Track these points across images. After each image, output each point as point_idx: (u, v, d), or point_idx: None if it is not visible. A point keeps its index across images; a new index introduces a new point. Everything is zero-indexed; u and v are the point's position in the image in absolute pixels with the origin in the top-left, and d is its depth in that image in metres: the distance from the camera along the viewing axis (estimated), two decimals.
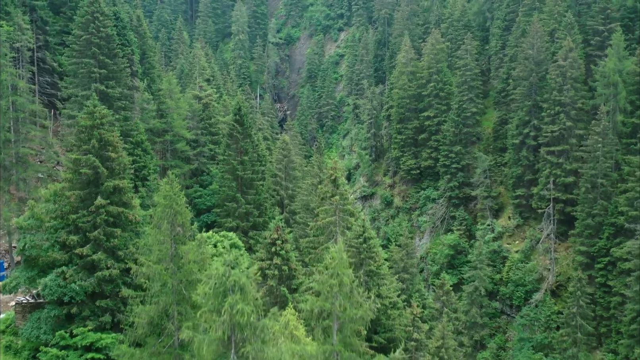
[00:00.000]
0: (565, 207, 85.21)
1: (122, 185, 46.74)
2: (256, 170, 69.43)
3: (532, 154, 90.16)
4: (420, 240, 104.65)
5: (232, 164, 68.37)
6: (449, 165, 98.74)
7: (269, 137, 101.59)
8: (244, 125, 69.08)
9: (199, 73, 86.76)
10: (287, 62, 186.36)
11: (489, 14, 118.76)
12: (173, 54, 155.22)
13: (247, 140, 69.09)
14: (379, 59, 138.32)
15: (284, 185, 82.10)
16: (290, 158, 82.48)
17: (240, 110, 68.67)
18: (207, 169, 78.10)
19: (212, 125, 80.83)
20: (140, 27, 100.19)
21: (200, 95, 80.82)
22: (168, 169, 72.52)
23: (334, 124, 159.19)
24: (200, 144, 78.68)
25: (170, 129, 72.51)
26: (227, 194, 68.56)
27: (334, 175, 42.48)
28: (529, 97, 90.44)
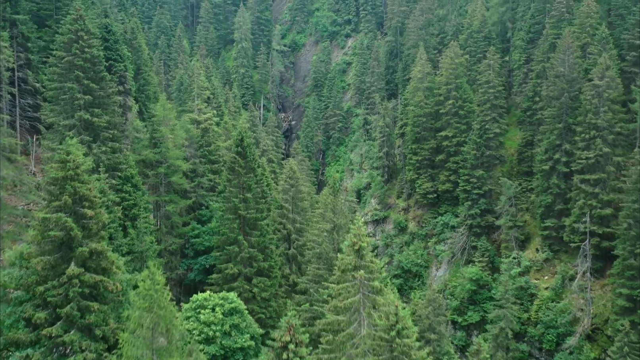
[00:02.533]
0: (601, 241, 77.13)
1: (100, 248, 38.90)
2: (260, 209, 61.45)
3: (563, 181, 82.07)
4: (438, 271, 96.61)
5: (233, 202, 60.40)
6: (469, 190, 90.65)
7: (274, 159, 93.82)
8: (246, 158, 61.11)
9: (197, 94, 78.82)
10: (291, 70, 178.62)
11: (510, 24, 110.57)
12: (172, 63, 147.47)
13: (250, 175, 61.11)
14: (391, 70, 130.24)
15: (291, 217, 74.08)
16: (298, 188, 74.47)
17: (243, 140, 60.70)
18: (206, 203, 70.18)
19: (212, 153, 72.90)
20: (134, 40, 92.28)
21: (198, 119, 72.91)
22: (162, 205, 64.63)
23: (341, 136, 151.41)
24: (199, 174, 70.76)
25: (165, 159, 64.59)
26: (227, 236, 60.59)
27: (357, 244, 34.48)
28: (560, 119, 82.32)
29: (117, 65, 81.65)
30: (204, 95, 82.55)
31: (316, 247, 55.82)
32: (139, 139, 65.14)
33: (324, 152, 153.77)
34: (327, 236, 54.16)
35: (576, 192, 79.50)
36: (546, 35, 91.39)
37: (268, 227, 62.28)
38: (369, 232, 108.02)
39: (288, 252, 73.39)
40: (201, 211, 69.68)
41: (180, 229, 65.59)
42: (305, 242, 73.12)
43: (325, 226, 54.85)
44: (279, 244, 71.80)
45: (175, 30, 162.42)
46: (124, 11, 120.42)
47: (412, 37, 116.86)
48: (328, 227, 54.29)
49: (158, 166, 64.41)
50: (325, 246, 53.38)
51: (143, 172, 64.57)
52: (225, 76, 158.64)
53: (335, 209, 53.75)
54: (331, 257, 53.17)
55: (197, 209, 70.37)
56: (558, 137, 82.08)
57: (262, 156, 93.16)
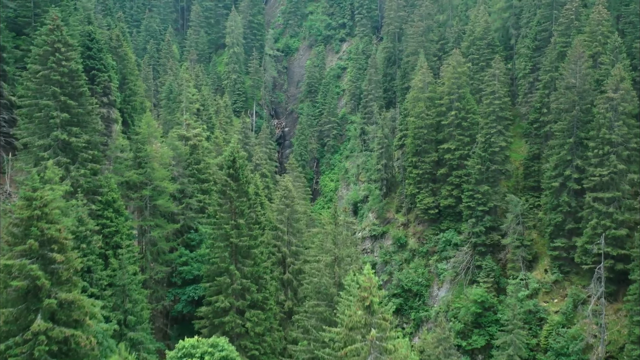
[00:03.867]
0: (615, 263, 72.65)
1: (71, 298, 34.05)
2: (254, 235, 56.57)
3: (574, 199, 77.51)
4: (439, 290, 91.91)
5: (224, 229, 55.50)
6: (474, 207, 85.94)
7: (267, 173, 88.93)
8: (239, 180, 56.22)
9: (185, 107, 73.80)
10: (284, 75, 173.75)
11: (513, 30, 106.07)
12: (162, 68, 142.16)
13: (242, 199, 56.21)
14: (389, 78, 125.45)
15: (286, 240, 69.43)
16: (294, 208, 69.85)
17: (235, 162, 55.82)
18: (195, 225, 65.20)
19: (201, 171, 67.94)
20: (120, 48, 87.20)
21: (187, 135, 67.93)
22: (147, 230, 59.66)
23: (336, 144, 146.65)
24: (187, 195, 65.82)
25: (150, 181, 59.61)
26: (218, 266, 55.73)
27: (368, 299, 29.68)
28: (571, 133, 77.79)
29: (101, 76, 76.82)
30: (193, 108, 77.59)
31: (314, 278, 50.91)
32: (122, 158, 60.14)
33: (318, 160, 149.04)
34: (327, 269, 49.32)
35: (588, 211, 74.97)
36: (554, 43, 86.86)
37: (262, 255, 57.45)
38: (367, 247, 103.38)
39: (283, 277, 68.76)
40: (190, 235, 64.75)
41: (167, 256, 60.68)
42: (301, 266, 68.54)
43: (325, 258, 50.00)
44: (274, 268, 67.15)
45: (164, 35, 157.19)
46: (110, 16, 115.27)
47: (411, 43, 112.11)
48: (328, 259, 49.44)
49: (143, 188, 59.49)
50: (325, 280, 48.57)
51: (126, 195, 59.65)
52: (217, 82, 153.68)
53: (336, 240, 48.94)
54: (332, 292, 48.43)
55: (185, 232, 65.42)
56: (569, 152, 77.53)
57: (255, 170, 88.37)
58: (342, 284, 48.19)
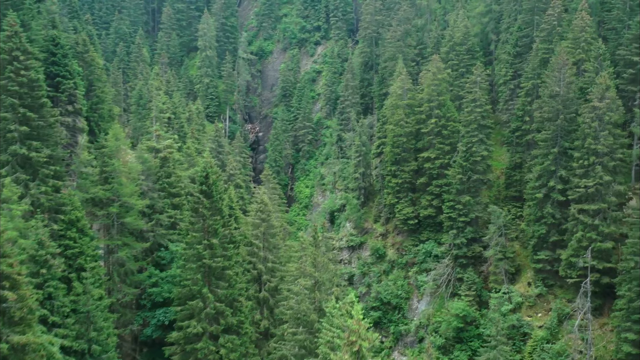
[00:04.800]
0: (601, 277, 70.65)
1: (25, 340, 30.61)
2: (228, 256, 53.30)
3: (558, 210, 75.38)
4: (419, 303, 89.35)
5: (196, 249, 52.16)
6: (455, 218, 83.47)
7: (242, 183, 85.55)
8: (212, 197, 52.94)
9: (155, 117, 70.17)
10: (258, 79, 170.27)
11: (493, 35, 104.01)
12: (132, 72, 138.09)
13: (216, 217, 52.94)
14: (366, 83, 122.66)
15: (262, 256, 66.24)
16: (270, 222, 66.66)
17: (208, 178, 52.51)
18: (166, 243, 61.70)
19: (173, 185, 64.44)
20: (86, 54, 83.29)
21: (157, 146, 64.36)
22: (114, 249, 56.09)
23: (311, 149, 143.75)
24: (157, 210, 62.28)
25: (118, 197, 56.01)
26: (189, 289, 52.37)
27: (357, 344, 26.70)
28: (555, 143, 75.67)
29: (66, 83, 73.21)
30: (164, 118, 73.98)
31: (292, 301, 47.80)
32: (87, 174, 56.44)
33: (293, 166, 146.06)
34: (307, 294, 46.25)
35: (573, 223, 72.90)
36: (536, 49, 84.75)
37: (237, 277, 54.17)
38: (344, 258, 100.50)
39: (259, 295, 65.56)
40: (160, 253, 61.23)
41: (136, 277, 57.12)
42: (278, 283, 65.48)
43: (304, 282, 46.93)
44: (249, 286, 63.90)
45: (135, 37, 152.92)
46: (77, 19, 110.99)
47: (389, 48, 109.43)
48: (308, 283, 46.39)
49: (110, 205, 55.84)
50: (305, 306, 45.52)
51: (92, 213, 55.98)
52: (189, 86, 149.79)
53: (316, 263, 45.90)
54: (312, 319, 45.40)
55: (155, 250, 61.88)
56: (553, 162, 75.40)
57: (229, 181, 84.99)
58: (323, 309, 45.19)
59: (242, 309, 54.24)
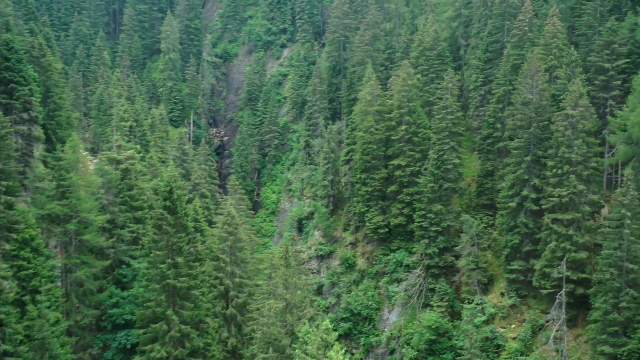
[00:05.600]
0: (575, 288, 69.53)
1: None
2: (194, 275, 50.57)
3: (531, 220, 74.14)
4: (390, 313, 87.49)
5: (160, 269, 49.31)
6: (427, 227, 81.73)
7: (207, 193, 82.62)
8: (177, 213, 50.16)
9: (116, 126, 66.92)
10: (223, 82, 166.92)
11: (463, 40, 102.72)
12: (92, 75, 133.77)
13: (181, 235, 50.17)
14: (334, 88, 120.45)
15: (229, 271, 63.45)
16: (238, 236, 64.00)
17: (172, 193, 49.72)
18: (128, 260, 58.64)
19: (135, 198, 61.33)
20: (43, 58, 79.57)
21: (118, 158, 61.21)
22: (72, 269, 52.92)
23: (278, 154, 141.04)
24: (118, 225, 59.15)
25: (76, 213, 52.82)
26: (153, 311, 49.51)
27: None
28: (528, 151, 74.42)
29: (21, 89, 69.66)
30: (125, 127, 70.73)
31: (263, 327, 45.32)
32: (43, 188, 53.13)
33: (260, 171, 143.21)
34: (277, 316, 43.80)
35: (547, 233, 71.69)
36: (507, 55, 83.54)
37: (204, 297, 51.45)
38: (313, 268, 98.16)
39: (226, 312, 62.83)
40: (122, 270, 58.13)
41: (95, 297, 53.99)
42: (246, 299, 62.91)
43: (275, 304, 44.46)
44: (215, 303, 61.17)
45: (95, 39, 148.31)
46: (34, 20, 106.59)
47: (357, 53, 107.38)
48: (279, 305, 43.93)
49: (67, 221, 52.62)
50: (276, 330, 43.05)
51: (48, 230, 52.73)
52: (152, 89, 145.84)
53: (287, 284, 43.48)
54: (284, 344, 42.97)
55: (116, 267, 58.76)
56: (526, 171, 74.11)
57: (194, 190, 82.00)
58: (295, 333, 42.80)
59: (209, 330, 51.59)
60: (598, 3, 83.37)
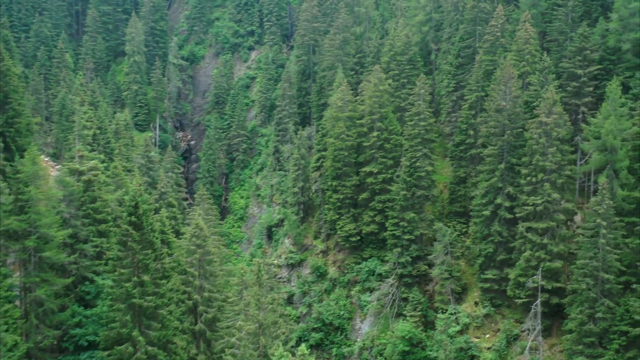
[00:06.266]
0: (550, 297, 68.77)
1: None
2: (161, 293, 48.30)
3: (505, 228, 73.26)
4: (363, 323, 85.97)
5: (125, 288, 46.96)
6: (399, 235, 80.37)
7: (174, 202, 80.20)
8: (143, 229, 47.83)
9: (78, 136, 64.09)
10: (190, 85, 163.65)
11: (433, 45, 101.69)
12: (54, 78, 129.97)
13: (147, 251, 47.86)
14: (303, 92, 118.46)
15: (197, 285, 61.14)
16: (206, 248, 61.73)
17: (138, 207, 47.39)
18: (92, 276, 55.97)
19: (98, 210, 58.58)
20: (1, 63, 76.28)
21: (80, 169, 58.42)
22: (32, 288, 50.16)
23: (246, 158, 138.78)
24: (81, 239, 56.41)
25: (35, 228, 50.05)
26: (118, 332, 47.12)
27: None
28: (501, 159, 73.50)
29: None
30: (88, 136, 67.91)
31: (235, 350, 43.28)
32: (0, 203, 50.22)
33: (227, 176, 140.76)
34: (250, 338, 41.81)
35: (521, 242, 70.87)
36: (480, 61, 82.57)
37: (171, 316, 49.20)
38: (283, 277, 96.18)
39: (194, 328, 60.44)
40: (85, 287, 55.43)
41: (57, 316, 51.25)
42: (215, 314, 60.71)
43: (247, 326, 42.45)
44: (183, 318, 58.79)
45: (57, 41, 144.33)
46: None
47: (327, 57, 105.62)
48: (252, 327, 41.94)
49: (26, 238, 49.80)
50: (249, 353, 41.08)
51: (5, 247, 49.88)
52: (116, 93, 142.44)
53: (260, 304, 41.52)
54: None
55: (79, 284, 56.04)
56: (500, 179, 73.17)
57: (160, 199, 79.37)
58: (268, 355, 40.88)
59: (177, 350, 49.41)
60: (569, 9, 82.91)
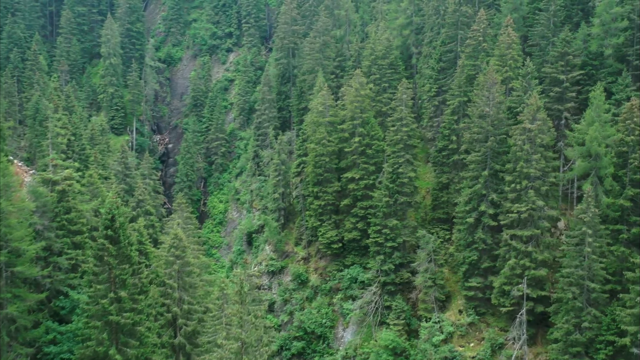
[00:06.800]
0: (535, 305, 68.01)
1: None
2: (139, 309, 46.60)
3: (489, 236, 72.42)
4: (345, 331, 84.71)
5: (101, 305, 45.21)
6: (382, 243, 79.19)
7: (152, 210, 78.17)
8: (119, 243, 46.10)
9: (52, 144, 62.00)
10: (167, 87, 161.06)
11: (414, 48, 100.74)
12: (27, 81, 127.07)
13: (124, 266, 46.14)
14: (283, 96, 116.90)
15: (176, 297, 59.65)
16: (186, 259, 60.13)
17: (114, 220, 45.66)
18: (66, 290, 54.12)
19: (73, 221, 56.74)
20: None
21: (54, 178, 56.51)
22: (3, 304, 48.17)
23: (225, 162, 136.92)
24: (55, 252, 54.56)
25: (6, 243, 48.12)
26: (94, 350, 45.34)
27: None
28: (485, 165, 72.64)
29: None
30: (62, 143, 65.83)
31: None
32: None
33: (206, 180, 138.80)
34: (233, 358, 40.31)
35: (505, 249, 70.10)
36: (462, 66, 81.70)
37: (150, 332, 47.52)
38: (264, 284, 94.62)
39: (174, 342, 58.93)
40: (59, 302, 53.57)
41: (30, 333, 49.38)
42: (195, 327, 59.12)
43: (230, 345, 40.93)
44: (162, 332, 57.22)
45: (31, 42, 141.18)
46: None
47: (308, 61, 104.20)
48: (234, 346, 40.44)
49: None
50: None
51: None
52: (92, 96, 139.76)
53: (243, 322, 40.03)
54: None
55: (53, 298, 54.15)
56: (483, 186, 72.29)
57: (138, 207, 77.54)
58: None
59: None
60: (551, 13, 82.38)
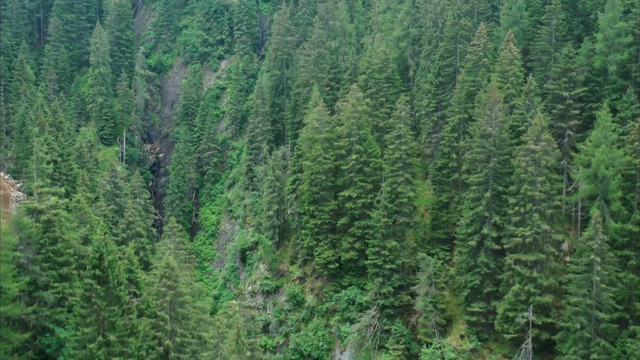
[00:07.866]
0: (540, 333, 65.82)
1: None
2: (129, 353, 43.89)
3: (492, 259, 70.11)
4: (342, 354, 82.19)
5: (89, 349, 42.50)
6: (381, 265, 76.77)
7: (142, 231, 75.46)
8: (108, 283, 43.40)
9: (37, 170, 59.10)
10: (158, 95, 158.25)
11: (412, 61, 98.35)
12: (14, 91, 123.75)
13: (113, 308, 43.45)
14: (277, 109, 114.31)
15: (168, 330, 56.74)
16: (178, 290, 57.28)
17: (102, 259, 42.97)
18: (52, 326, 51.32)
19: (59, 253, 53.92)
20: None
21: (39, 207, 53.70)
22: None
23: (217, 172, 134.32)
24: (40, 286, 51.72)
25: None
26: None
27: None
28: (487, 186, 70.31)
29: None
30: (47, 169, 62.93)
31: None
32: None
33: (198, 191, 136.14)
34: None
35: (509, 274, 67.84)
36: (462, 82, 79.39)
37: None
38: (259, 304, 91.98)
39: None
40: (45, 339, 50.78)
41: None
42: None
43: None
44: None
45: (17, 50, 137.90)
46: None
47: (302, 73, 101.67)
48: None
49: None
50: None
51: None
52: (80, 105, 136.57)
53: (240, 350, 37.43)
54: None
55: (39, 334, 51.36)
56: (486, 208, 69.96)
57: (128, 229, 74.66)
58: None
59: None
60: (553, 28, 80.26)
